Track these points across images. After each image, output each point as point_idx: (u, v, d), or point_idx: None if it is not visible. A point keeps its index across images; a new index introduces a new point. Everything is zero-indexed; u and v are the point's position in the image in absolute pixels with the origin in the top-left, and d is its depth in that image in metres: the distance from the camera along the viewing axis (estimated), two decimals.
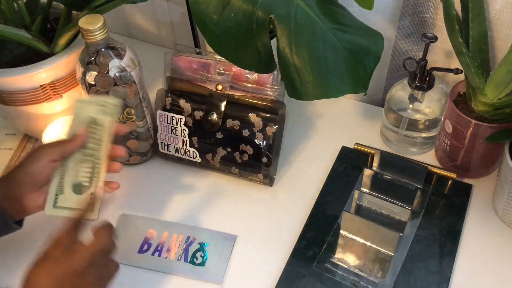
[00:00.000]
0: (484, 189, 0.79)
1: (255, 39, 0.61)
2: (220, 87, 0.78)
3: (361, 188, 0.78)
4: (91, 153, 0.66)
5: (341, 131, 0.90)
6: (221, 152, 0.79)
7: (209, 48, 0.67)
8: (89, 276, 0.55)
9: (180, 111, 0.79)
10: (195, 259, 0.72)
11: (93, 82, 0.73)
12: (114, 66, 0.72)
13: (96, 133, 0.67)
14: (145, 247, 0.74)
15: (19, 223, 0.65)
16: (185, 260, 0.72)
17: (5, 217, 0.62)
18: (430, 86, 0.77)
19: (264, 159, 0.77)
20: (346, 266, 0.70)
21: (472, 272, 0.69)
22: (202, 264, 0.71)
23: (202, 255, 0.72)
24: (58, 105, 0.81)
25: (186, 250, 0.73)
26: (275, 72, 0.74)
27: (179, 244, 0.74)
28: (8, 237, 0.65)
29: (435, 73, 0.78)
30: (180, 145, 0.81)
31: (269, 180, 0.80)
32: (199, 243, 0.74)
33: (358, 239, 0.73)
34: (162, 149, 0.83)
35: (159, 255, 0.73)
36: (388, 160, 0.79)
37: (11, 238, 0.66)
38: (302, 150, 0.87)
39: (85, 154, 0.66)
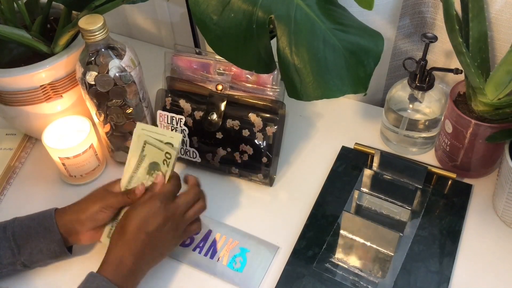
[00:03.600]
0: (484, 189, 0.79)
1: (255, 39, 0.61)
2: (220, 87, 0.78)
3: (361, 188, 0.78)
4: None
5: (341, 131, 0.90)
6: (221, 152, 0.79)
7: (209, 48, 0.67)
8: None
9: (180, 111, 0.79)
10: (233, 263, 0.71)
11: (93, 82, 0.73)
12: (114, 66, 0.72)
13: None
14: (188, 241, 0.74)
15: (69, 249, 0.70)
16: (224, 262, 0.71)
17: (64, 246, 0.68)
18: (430, 86, 0.77)
19: (264, 159, 0.77)
20: (346, 266, 0.70)
21: (472, 272, 0.69)
22: (239, 269, 0.70)
23: (241, 260, 0.71)
24: (58, 105, 0.81)
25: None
26: (275, 72, 0.74)
27: (221, 245, 0.73)
28: None
29: (435, 73, 0.78)
30: None
31: (269, 180, 0.80)
32: (240, 248, 0.73)
33: (358, 239, 0.73)
34: None
35: (199, 252, 0.72)
36: (388, 160, 0.79)
37: None
38: (302, 150, 0.87)
39: None
